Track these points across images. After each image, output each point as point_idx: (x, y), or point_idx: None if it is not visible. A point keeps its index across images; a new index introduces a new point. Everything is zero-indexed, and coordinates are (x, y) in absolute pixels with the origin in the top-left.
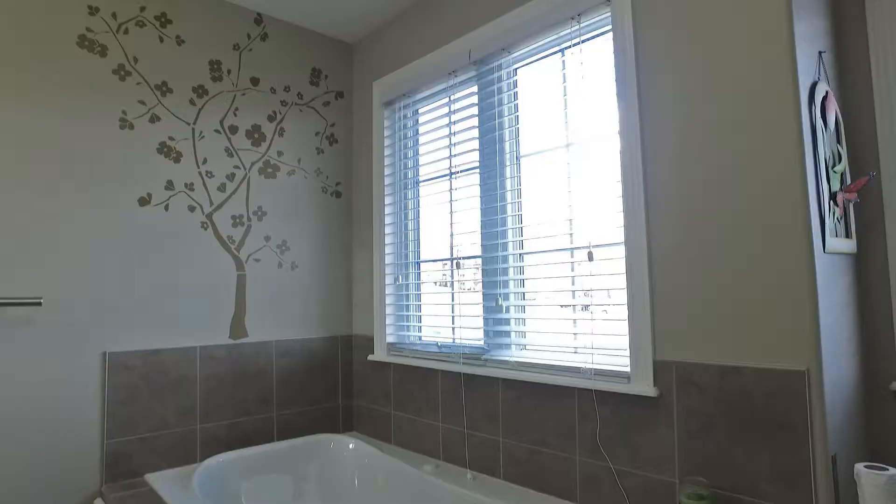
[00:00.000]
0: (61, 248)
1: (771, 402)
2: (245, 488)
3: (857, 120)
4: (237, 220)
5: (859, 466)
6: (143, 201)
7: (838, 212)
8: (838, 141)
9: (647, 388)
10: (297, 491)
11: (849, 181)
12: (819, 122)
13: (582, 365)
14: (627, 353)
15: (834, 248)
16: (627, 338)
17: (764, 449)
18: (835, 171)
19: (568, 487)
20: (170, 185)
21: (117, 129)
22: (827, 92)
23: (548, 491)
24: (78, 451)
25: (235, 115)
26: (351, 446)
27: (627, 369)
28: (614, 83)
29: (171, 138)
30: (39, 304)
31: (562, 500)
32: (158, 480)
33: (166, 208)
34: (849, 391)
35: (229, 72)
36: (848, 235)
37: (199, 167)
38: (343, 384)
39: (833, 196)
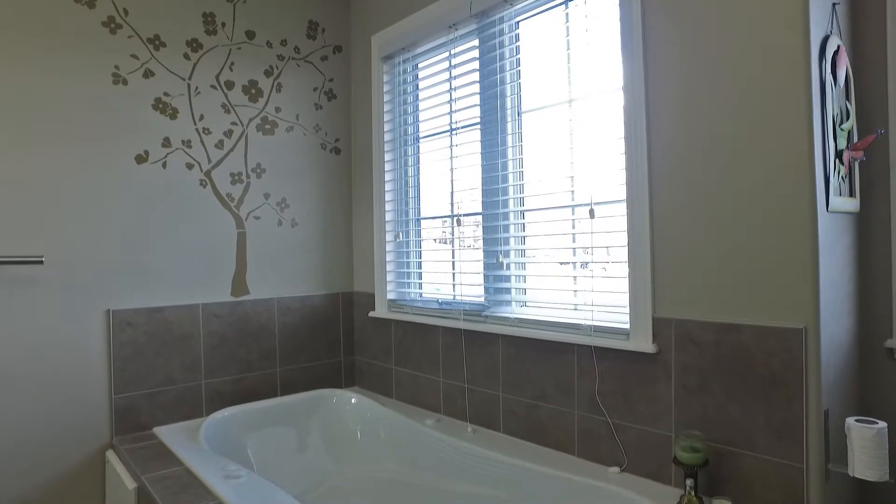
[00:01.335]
0: (61, 206)
1: (767, 358)
2: (250, 441)
3: (867, 75)
4: (236, 178)
5: (850, 420)
6: (141, 159)
7: (843, 170)
8: (847, 97)
9: (645, 344)
10: (302, 443)
11: (856, 139)
12: (829, 78)
13: (581, 321)
14: (627, 310)
15: (837, 207)
16: (627, 295)
17: (759, 404)
18: (842, 129)
19: (566, 441)
20: (167, 143)
21: (110, 84)
22: (839, 46)
23: (546, 444)
24: (88, 405)
25: (231, 69)
26: (353, 401)
27: (627, 326)
28: (619, 37)
29: (166, 94)
30: (41, 262)
31: (560, 452)
32: (166, 433)
33: (164, 166)
34: (844, 348)
35: (224, 25)
36: (852, 194)
37: (195, 124)
38: (345, 340)
39: (839, 154)
